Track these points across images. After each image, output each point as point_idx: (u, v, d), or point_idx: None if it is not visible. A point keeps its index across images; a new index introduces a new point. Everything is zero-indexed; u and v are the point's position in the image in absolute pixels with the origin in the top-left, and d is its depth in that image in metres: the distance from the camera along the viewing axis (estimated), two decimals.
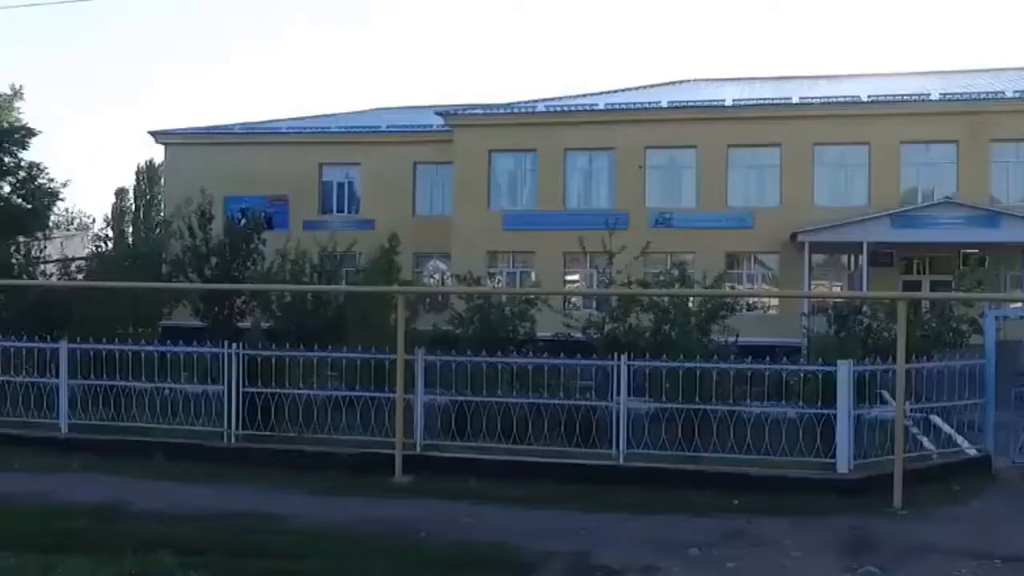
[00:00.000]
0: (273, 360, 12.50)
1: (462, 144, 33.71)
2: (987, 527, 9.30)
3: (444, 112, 34.88)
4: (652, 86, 38.17)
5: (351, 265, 24.55)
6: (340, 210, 37.16)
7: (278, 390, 12.35)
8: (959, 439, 12.44)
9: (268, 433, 12.32)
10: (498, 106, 35.86)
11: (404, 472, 11.27)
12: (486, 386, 12.00)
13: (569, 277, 32.86)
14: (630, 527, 9.12)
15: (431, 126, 35.67)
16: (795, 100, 32.60)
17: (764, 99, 33.42)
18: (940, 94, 31.63)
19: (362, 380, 12.18)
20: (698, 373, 11.40)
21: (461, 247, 32.45)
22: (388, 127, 37.14)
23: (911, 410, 12.05)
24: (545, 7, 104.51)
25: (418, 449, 11.70)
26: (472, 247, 31.96)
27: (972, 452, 12.09)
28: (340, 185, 37.53)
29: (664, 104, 33.19)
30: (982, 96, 31.36)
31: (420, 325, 17.25)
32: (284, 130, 38.42)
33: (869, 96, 32.05)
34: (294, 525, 9.08)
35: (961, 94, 31.76)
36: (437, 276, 35.12)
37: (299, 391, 12.42)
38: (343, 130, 37.68)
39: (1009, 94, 31.02)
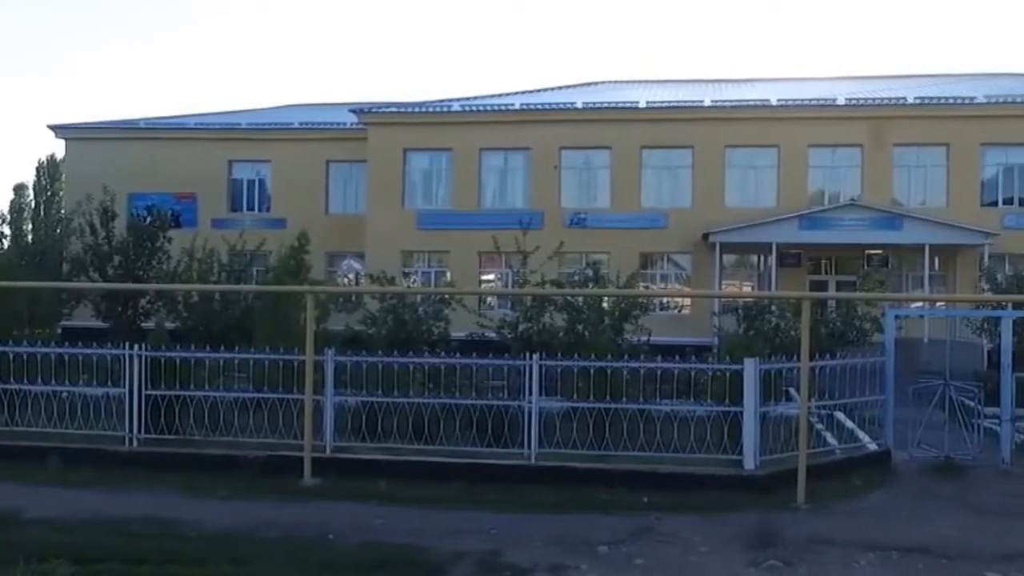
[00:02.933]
0: (177, 361, 12.17)
1: (376, 142, 33.36)
2: (885, 520, 9.59)
3: (358, 109, 34.46)
4: (567, 87, 38.39)
5: (261, 264, 24.22)
6: (250, 208, 36.41)
7: (183, 392, 12.02)
8: (861, 435, 12.79)
9: (172, 436, 11.97)
10: (413, 104, 35.59)
11: (313, 474, 11.10)
12: (398, 386, 11.88)
13: (485, 277, 32.81)
14: (540, 526, 9.13)
15: (344, 124, 35.24)
16: (707, 103, 33.09)
17: (677, 101, 33.87)
18: (846, 99, 32.47)
19: (270, 381, 11.94)
20: (609, 372, 11.47)
21: (375, 246, 32.13)
22: (300, 124, 36.54)
23: (816, 407, 12.35)
24: (459, 7, 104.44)
25: (328, 451, 11.53)
26: (386, 246, 31.69)
27: (873, 447, 12.45)
28: (250, 183, 36.75)
29: (579, 105, 33.38)
30: (885, 102, 32.27)
31: (332, 325, 17.06)
32: (191, 126, 37.47)
33: (778, 100, 32.69)
34: (197, 530, 8.86)
35: (865, 99, 32.65)
36: (351, 275, 34.74)
37: (205, 393, 12.11)
38: (253, 126, 36.90)
39: (910, 100, 32.01)
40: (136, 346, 12.14)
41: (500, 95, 36.03)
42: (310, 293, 12.35)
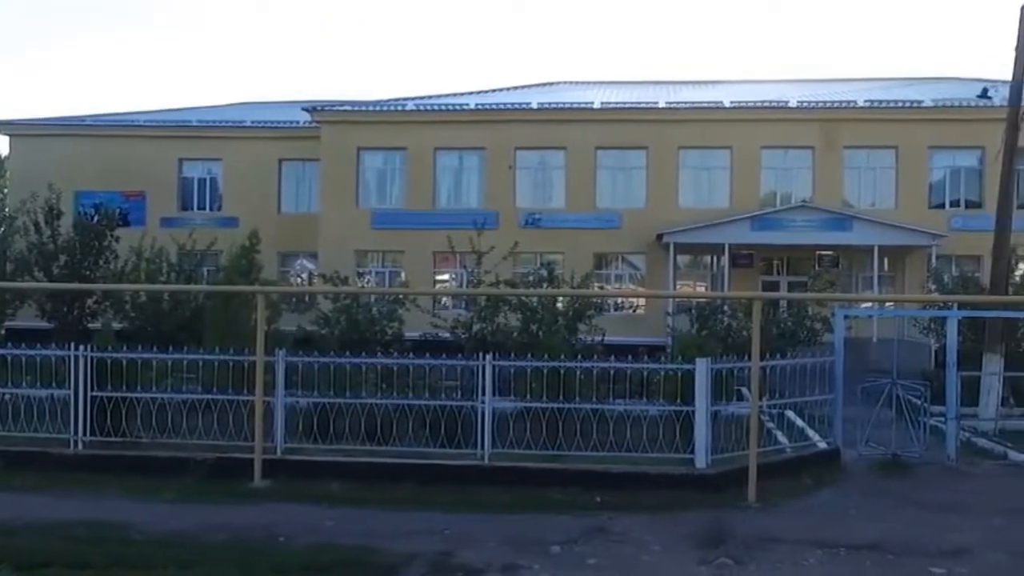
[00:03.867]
0: (124, 362, 11.95)
1: (329, 141, 33.04)
2: (834, 518, 9.71)
3: (311, 108, 34.13)
4: (522, 87, 38.37)
5: (212, 264, 23.94)
6: (201, 207, 35.88)
7: (130, 394, 11.81)
8: (811, 433, 12.95)
9: (119, 439, 11.77)
10: (367, 103, 35.34)
11: (264, 476, 10.98)
12: (350, 387, 11.78)
13: (439, 277, 32.67)
14: (493, 526, 9.11)
15: (297, 122, 34.93)
16: (661, 104, 33.29)
17: (631, 102, 34.02)
18: (798, 101, 32.81)
19: (220, 382, 11.79)
20: (562, 372, 11.49)
21: (328, 246, 31.82)
22: (252, 122, 36.07)
23: (768, 406, 12.48)
24: (412, 7, 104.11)
25: (279, 452, 11.41)
26: (340, 246, 31.39)
27: (822, 445, 12.61)
28: (201, 181, 36.21)
29: (534, 105, 33.38)
30: (836, 104, 32.69)
31: (285, 326, 16.91)
32: (140, 123, 36.83)
33: (731, 102, 32.95)
34: (144, 534, 8.72)
35: (817, 102, 33.03)
36: (304, 275, 34.42)
37: (153, 394, 11.91)
38: (205, 124, 36.36)
39: (860, 103, 32.47)
40: (82, 347, 11.90)
41: (455, 95, 35.91)
42: (261, 293, 12.21)
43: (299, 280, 34.19)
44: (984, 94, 31.08)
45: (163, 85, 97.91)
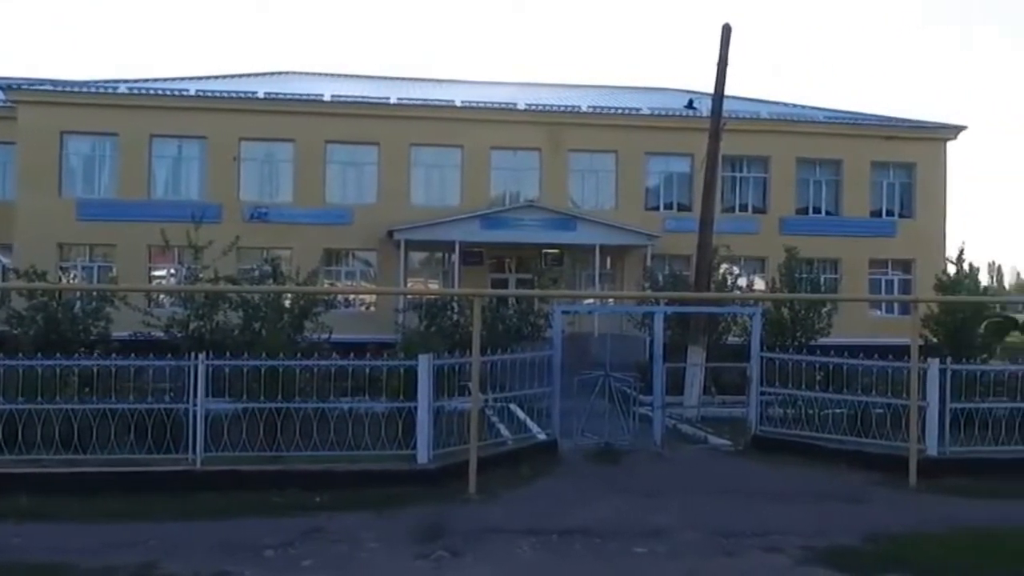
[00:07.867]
0: None
1: (28, 123, 30.02)
2: (549, 505, 10.04)
3: (6, 86, 30.90)
4: (247, 75, 36.94)
5: None
6: None
7: None
8: (532, 425, 13.34)
9: None
10: (72, 83, 32.56)
11: None
12: (45, 391, 10.77)
13: (156, 272, 30.74)
14: (204, 534, 8.70)
15: None
16: (393, 100, 33.19)
17: (362, 97, 33.65)
18: (526, 104, 33.80)
19: None
20: (281, 371, 11.12)
21: (26, 238, 28.87)
22: None
23: (494, 400, 12.74)
24: None
25: None
26: (40, 238, 28.55)
27: (542, 437, 13.02)
28: None
29: (260, 95, 32.17)
30: (561, 109, 34.04)
31: None
32: None
33: (463, 102, 33.45)
34: None
35: (544, 106, 34.15)
36: None
37: None
38: None
39: (584, 108, 34.03)
40: None
41: (173, 79, 33.96)
42: None
43: None
44: (690, 105, 33.52)
45: None
